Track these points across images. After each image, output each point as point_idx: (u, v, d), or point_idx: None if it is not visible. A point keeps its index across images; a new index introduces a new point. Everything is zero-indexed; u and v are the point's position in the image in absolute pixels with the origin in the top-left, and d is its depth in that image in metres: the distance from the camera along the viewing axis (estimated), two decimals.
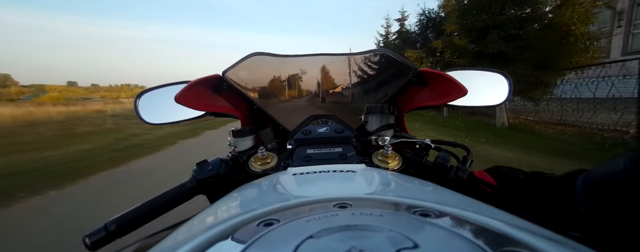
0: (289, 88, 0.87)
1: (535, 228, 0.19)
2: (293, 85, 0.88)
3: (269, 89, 0.82)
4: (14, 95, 51.19)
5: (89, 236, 0.40)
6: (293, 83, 0.87)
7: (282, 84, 0.86)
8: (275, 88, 0.84)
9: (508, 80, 0.65)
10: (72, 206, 2.34)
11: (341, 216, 0.19)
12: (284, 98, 0.86)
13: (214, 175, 0.51)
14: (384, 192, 0.29)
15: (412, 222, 0.18)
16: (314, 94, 0.89)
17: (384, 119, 0.63)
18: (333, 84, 0.90)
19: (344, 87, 0.90)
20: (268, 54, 0.66)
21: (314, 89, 0.88)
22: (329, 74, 0.87)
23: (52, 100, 35.62)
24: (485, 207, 0.24)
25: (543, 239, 0.16)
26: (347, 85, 0.89)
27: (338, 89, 0.90)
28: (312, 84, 0.88)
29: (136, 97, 0.68)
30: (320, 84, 0.88)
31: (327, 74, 0.86)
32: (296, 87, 0.88)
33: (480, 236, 0.16)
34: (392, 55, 0.67)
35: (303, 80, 0.87)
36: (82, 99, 42.96)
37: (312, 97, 0.90)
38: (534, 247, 0.15)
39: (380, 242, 0.14)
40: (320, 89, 0.89)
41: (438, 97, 0.61)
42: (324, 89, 0.89)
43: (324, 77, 0.87)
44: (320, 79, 0.87)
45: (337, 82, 0.89)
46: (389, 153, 0.52)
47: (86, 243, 0.40)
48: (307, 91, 0.89)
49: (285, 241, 0.15)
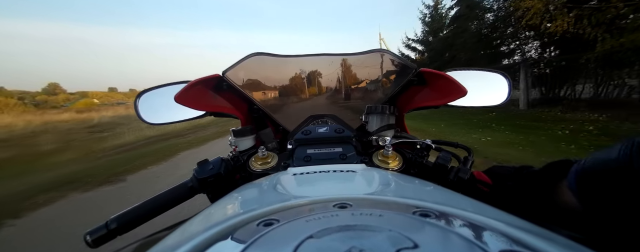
0: (288, 88, 0.87)
1: (534, 228, 0.19)
2: (293, 85, 0.88)
3: (269, 89, 0.82)
4: (61, 102, 55.40)
5: (90, 234, 0.40)
6: (293, 83, 0.87)
7: (282, 84, 0.86)
8: (275, 88, 0.84)
9: (508, 81, 0.65)
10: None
11: (341, 216, 0.19)
12: (284, 98, 0.86)
13: (215, 174, 0.51)
14: (384, 193, 0.29)
15: (412, 222, 0.18)
16: (314, 94, 0.89)
17: (385, 119, 0.63)
18: (333, 84, 0.90)
19: (344, 87, 0.90)
20: (268, 54, 0.66)
21: (314, 89, 0.88)
22: (328, 74, 0.87)
23: (86, 105, 37.54)
24: (485, 208, 0.24)
25: (542, 239, 0.16)
26: (347, 85, 0.89)
27: (338, 89, 0.90)
28: (312, 84, 0.88)
29: (136, 97, 0.68)
30: (320, 84, 0.88)
31: (327, 74, 0.86)
32: (296, 87, 0.88)
33: (480, 236, 0.16)
34: (392, 55, 0.67)
35: (303, 81, 0.87)
36: (117, 104, 44.21)
37: (312, 97, 0.90)
38: (533, 248, 0.15)
39: (380, 242, 0.14)
40: (320, 89, 0.89)
41: (438, 97, 0.61)
42: (324, 89, 0.89)
43: (324, 77, 0.87)
44: (320, 79, 0.87)
45: (337, 82, 0.89)
46: (390, 153, 0.52)
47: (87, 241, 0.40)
48: (307, 91, 0.89)
49: (285, 241, 0.15)
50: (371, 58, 0.75)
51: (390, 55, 0.68)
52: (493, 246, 0.15)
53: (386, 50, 0.68)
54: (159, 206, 0.48)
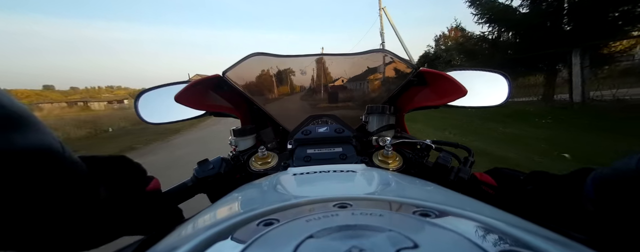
0: (288, 88, 0.87)
1: (535, 228, 0.19)
2: (293, 85, 0.88)
3: (269, 88, 0.82)
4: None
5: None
6: (293, 83, 0.87)
7: (282, 84, 0.86)
8: (275, 88, 0.84)
9: (508, 81, 0.65)
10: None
11: (341, 215, 0.19)
12: (284, 98, 0.86)
13: (215, 174, 0.51)
14: (384, 192, 0.29)
15: (412, 222, 0.18)
16: (314, 94, 0.89)
17: (385, 120, 0.63)
18: (333, 83, 0.90)
19: (344, 87, 0.90)
20: (268, 54, 0.66)
21: (314, 89, 0.88)
22: (328, 74, 0.87)
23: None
24: (485, 207, 0.24)
25: (543, 239, 0.16)
26: (347, 85, 0.89)
27: (338, 89, 0.90)
28: (312, 83, 0.88)
29: (136, 97, 0.68)
30: (320, 84, 0.88)
31: (326, 74, 0.86)
32: (296, 87, 0.88)
33: (480, 235, 0.16)
34: (392, 55, 0.67)
35: (303, 80, 0.87)
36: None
37: (312, 97, 0.90)
38: (534, 247, 0.15)
39: (380, 242, 0.14)
40: (320, 88, 0.89)
41: (438, 98, 0.61)
42: (323, 89, 0.89)
43: (324, 77, 0.87)
44: (320, 79, 0.87)
45: (336, 82, 0.89)
46: (390, 153, 0.52)
47: None
48: (307, 91, 0.89)
49: (285, 240, 0.15)
50: (371, 58, 0.75)
51: (391, 56, 0.68)
52: (494, 246, 0.15)
53: (386, 51, 0.68)
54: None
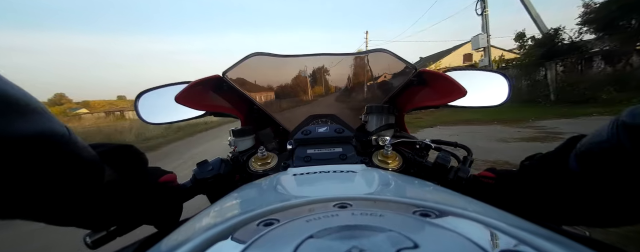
0: (288, 88, 0.87)
1: (535, 228, 0.19)
2: (293, 85, 0.88)
3: (269, 89, 0.82)
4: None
5: (89, 235, 0.40)
6: (293, 83, 0.87)
7: (282, 84, 0.86)
8: (275, 88, 0.84)
9: (508, 81, 0.65)
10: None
11: (341, 216, 0.19)
12: (284, 98, 0.86)
13: (214, 175, 0.50)
14: (384, 192, 0.29)
15: (412, 222, 0.18)
16: (314, 93, 0.89)
17: (384, 119, 0.63)
18: (333, 83, 0.90)
19: (344, 87, 0.90)
20: (268, 54, 0.66)
21: (314, 89, 0.88)
22: (328, 74, 0.87)
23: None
24: (485, 207, 0.24)
25: (543, 238, 0.16)
26: (347, 85, 0.89)
27: (338, 89, 0.90)
28: (312, 83, 0.88)
29: (136, 97, 0.68)
30: (319, 83, 0.88)
31: (326, 74, 0.86)
32: (296, 87, 0.88)
33: (480, 235, 0.16)
34: (392, 55, 0.67)
35: (303, 80, 0.87)
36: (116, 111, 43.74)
37: (311, 97, 0.90)
38: (534, 247, 0.15)
39: (380, 242, 0.14)
40: (319, 88, 0.89)
41: (438, 98, 0.61)
42: (323, 89, 0.89)
43: (324, 77, 0.87)
44: (319, 79, 0.87)
45: (336, 82, 0.89)
46: (389, 153, 0.52)
47: (87, 242, 0.39)
48: (307, 91, 0.89)
49: (285, 240, 0.15)
50: (371, 58, 0.75)
51: (390, 55, 0.67)
52: (494, 246, 0.15)
53: (386, 50, 0.68)
54: None
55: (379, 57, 0.73)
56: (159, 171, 0.44)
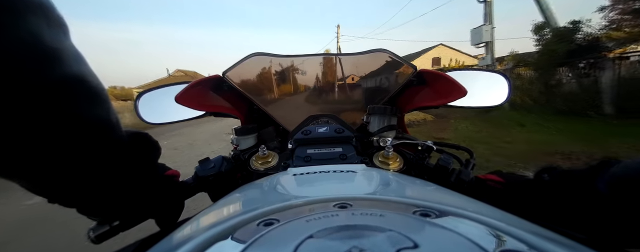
0: (289, 88, 0.87)
1: (535, 228, 0.19)
2: (293, 85, 0.88)
3: (269, 88, 0.82)
4: None
5: (93, 229, 0.40)
6: (293, 83, 0.87)
7: (282, 84, 0.86)
8: (275, 88, 0.84)
9: (508, 81, 0.65)
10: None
11: (341, 216, 0.19)
12: (284, 98, 0.86)
13: (216, 173, 0.51)
14: (384, 192, 0.29)
15: (413, 222, 0.18)
16: (314, 93, 0.89)
17: (386, 120, 0.63)
18: (333, 83, 0.89)
19: (344, 87, 0.90)
20: (268, 54, 0.66)
21: (314, 89, 0.88)
22: (328, 74, 0.87)
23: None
24: (485, 207, 0.24)
25: (544, 239, 0.16)
26: (347, 85, 0.89)
27: (338, 89, 0.90)
28: (312, 83, 0.88)
29: (136, 97, 0.68)
30: (320, 83, 0.88)
31: (327, 73, 0.86)
32: (296, 87, 0.88)
33: (480, 235, 0.16)
34: (392, 55, 0.67)
35: (303, 80, 0.87)
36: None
37: (312, 97, 0.90)
38: (534, 247, 0.15)
39: (380, 242, 0.14)
40: (320, 88, 0.89)
41: (438, 98, 0.61)
42: (323, 89, 0.89)
43: (324, 77, 0.87)
44: (320, 79, 0.87)
45: (337, 82, 0.89)
46: (390, 154, 0.52)
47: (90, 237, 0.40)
48: (307, 91, 0.89)
49: (285, 240, 0.15)
50: (371, 58, 0.75)
51: (390, 55, 0.67)
52: (494, 246, 0.15)
53: (386, 50, 0.68)
54: None
55: (379, 57, 0.73)
56: (164, 167, 0.44)
